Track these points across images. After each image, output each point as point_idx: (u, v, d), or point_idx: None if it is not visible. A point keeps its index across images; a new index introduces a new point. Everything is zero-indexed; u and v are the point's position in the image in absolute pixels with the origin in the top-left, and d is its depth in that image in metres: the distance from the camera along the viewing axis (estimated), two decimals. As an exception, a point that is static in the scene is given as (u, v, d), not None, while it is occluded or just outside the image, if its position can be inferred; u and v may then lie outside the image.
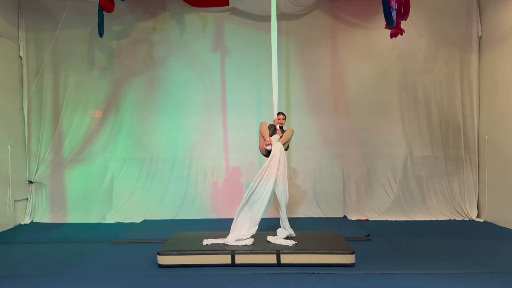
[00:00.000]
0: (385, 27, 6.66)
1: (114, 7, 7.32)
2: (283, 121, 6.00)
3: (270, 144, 5.71)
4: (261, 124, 5.92)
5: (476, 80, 8.35)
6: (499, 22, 7.73)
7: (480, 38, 8.33)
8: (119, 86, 8.54)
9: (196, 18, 8.62)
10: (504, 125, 7.56)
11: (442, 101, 8.50)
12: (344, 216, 8.38)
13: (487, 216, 8.07)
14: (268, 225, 6.77)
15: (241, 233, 5.54)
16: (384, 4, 5.95)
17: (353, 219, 8.23)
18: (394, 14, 6.20)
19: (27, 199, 8.35)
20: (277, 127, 5.95)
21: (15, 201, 7.89)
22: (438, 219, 8.15)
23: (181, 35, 8.63)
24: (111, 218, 8.18)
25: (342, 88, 8.61)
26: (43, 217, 8.28)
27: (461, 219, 8.17)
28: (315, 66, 8.62)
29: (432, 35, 8.32)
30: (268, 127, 5.90)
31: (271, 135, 5.86)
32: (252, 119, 8.50)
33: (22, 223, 8.11)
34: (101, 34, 7.56)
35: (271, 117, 6.04)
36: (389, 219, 8.21)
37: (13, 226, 7.86)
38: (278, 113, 5.96)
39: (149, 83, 8.58)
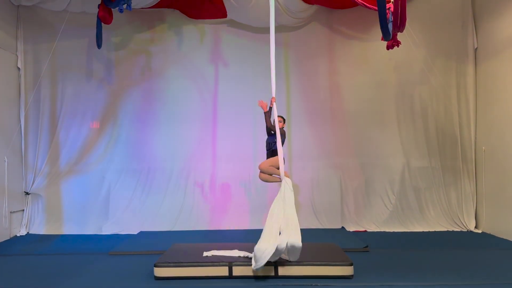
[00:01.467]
0: (382, 39, 6.72)
1: (112, 18, 7.38)
2: (283, 124, 6.02)
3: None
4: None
5: (472, 91, 8.40)
6: (494, 34, 7.81)
7: (475, 49, 8.40)
8: (116, 97, 8.55)
9: (194, 29, 8.67)
10: (501, 135, 7.58)
11: (438, 112, 8.53)
12: (342, 227, 8.34)
13: (485, 227, 8.06)
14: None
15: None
16: (380, 16, 6.00)
17: (351, 230, 8.19)
18: (390, 26, 6.25)
19: (23, 210, 8.29)
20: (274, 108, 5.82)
21: (11, 212, 7.83)
22: (436, 230, 8.12)
23: (179, 46, 8.68)
24: (108, 229, 8.12)
25: (340, 98, 8.65)
26: (39, 229, 8.21)
27: (459, 230, 8.14)
28: (312, 77, 8.66)
29: (428, 47, 8.39)
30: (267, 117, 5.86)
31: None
32: (249, 129, 8.52)
33: (18, 235, 8.04)
34: (99, 45, 7.61)
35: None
36: (387, 230, 8.18)
37: (9, 238, 7.79)
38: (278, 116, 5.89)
39: (147, 94, 8.59)
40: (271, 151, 5.88)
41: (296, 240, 4.95)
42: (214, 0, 7.90)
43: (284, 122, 6.12)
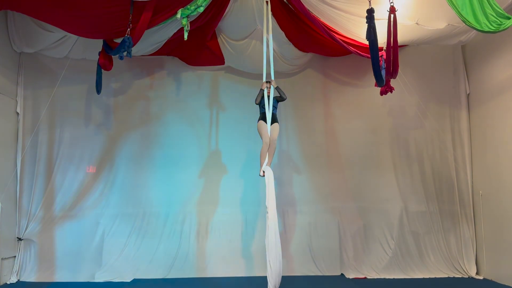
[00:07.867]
0: (375, 85, 6.88)
1: (112, 65, 7.52)
2: (269, 89, 6.58)
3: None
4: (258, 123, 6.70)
5: (467, 135, 8.50)
6: (485, 80, 8.00)
7: (468, 95, 8.57)
8: (114, 141, 8.57)
9: (193, 76, 8.85)
10: (497, 179, 7.59)
11: (434, 156, 8.58)
12: (342, 274, 8.14)
13: (487, 273, 7.89)
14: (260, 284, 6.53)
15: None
16: (374, 63, 6.18)
17: (350, 277, 7.98)
18: (383, 72, 6.43)
19: (15, 256, 8.08)
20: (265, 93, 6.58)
21: (2, 259, 7.64)
22: (437, 276, 7.94)
23: (177, 92, 8.82)
24: (101, 277, 7.87)
25: (335, 143, 8.71)
26: (30, 276, 7.94)
27: (460, 276, 7.96)
28: (308, 122, 8.77)
29: (421, 93, 8.56)
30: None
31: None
32: (246, 173, 8.50)
33: (8, 282, 7.78)
34: (98, 91, 7.71)
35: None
36: (387, 277, 7.98)
37: (-2, 286, 7.58)
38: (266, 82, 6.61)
39: (145, 138, 8.63)
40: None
41: None
42: (212, 48, 8.12)
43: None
